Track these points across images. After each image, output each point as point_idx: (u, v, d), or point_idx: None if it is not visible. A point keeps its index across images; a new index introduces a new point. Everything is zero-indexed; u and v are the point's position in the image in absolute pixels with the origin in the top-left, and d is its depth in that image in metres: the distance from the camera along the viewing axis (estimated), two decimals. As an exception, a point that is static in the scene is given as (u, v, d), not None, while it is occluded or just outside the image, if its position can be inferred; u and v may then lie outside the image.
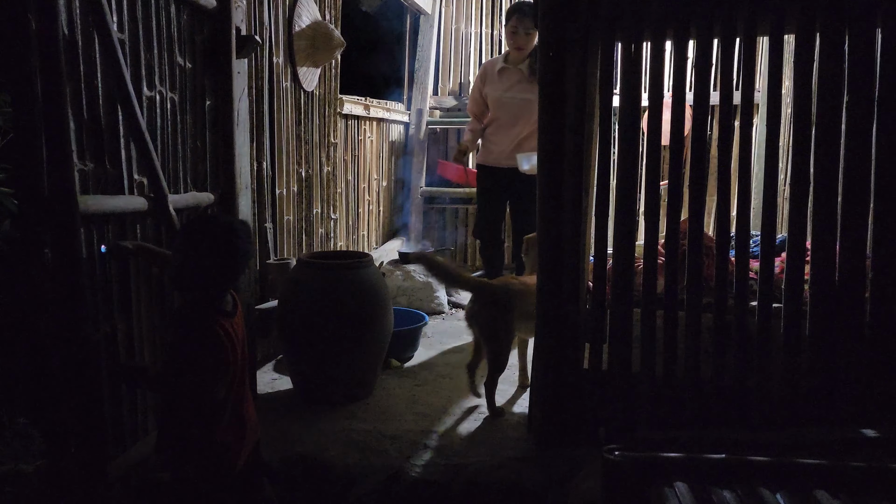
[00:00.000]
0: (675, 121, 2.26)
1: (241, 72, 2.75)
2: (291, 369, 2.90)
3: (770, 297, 2.20)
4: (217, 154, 2.61)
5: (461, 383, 3.06)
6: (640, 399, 2.29)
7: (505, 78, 3.70)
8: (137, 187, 2.14)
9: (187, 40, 2.40)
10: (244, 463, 1.79)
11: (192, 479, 1.71)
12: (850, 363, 2.16)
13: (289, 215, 3.55)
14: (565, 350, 2.31)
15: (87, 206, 1.85)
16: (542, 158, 2.27)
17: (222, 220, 1.83)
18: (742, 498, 1.39)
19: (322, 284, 2.75)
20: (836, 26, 2.08)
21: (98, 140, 1.96)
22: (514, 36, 3.60)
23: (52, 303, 1.71)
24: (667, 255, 2.25)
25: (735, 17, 2.15)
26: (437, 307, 4.35)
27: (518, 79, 3.68)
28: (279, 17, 3.38)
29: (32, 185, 1.66)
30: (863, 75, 2.08)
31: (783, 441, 1.60)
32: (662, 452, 1.52)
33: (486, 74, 3.79)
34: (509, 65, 3.70)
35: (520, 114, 3.65)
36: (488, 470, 2.26)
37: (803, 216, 2.17)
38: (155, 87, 2.21)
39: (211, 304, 1.68)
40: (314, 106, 3.82)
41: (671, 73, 2.76)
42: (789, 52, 3.14)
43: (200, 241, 1.67)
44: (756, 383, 2.22)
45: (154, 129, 2.21)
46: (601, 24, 2.21)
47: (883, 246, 2.11)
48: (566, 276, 2.28)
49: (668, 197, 2.23)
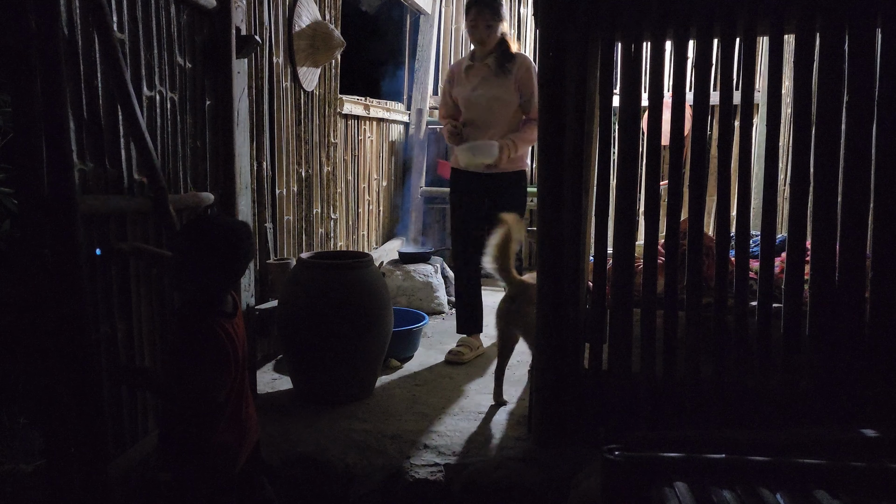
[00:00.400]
0: (675, 121, 2.26)
1: (241, 72, 2.75)
2: (291, 369, 2.90)
3: (770, 297, 2.20)
4: (217, 154, 2.62)
5: (461, 383, 3.06)
6: (640, 399, 2.29)
7: (472, 76, 3.43)
8: (137, 187, 2.14)
9: (187, 40, 2.40)
10: (244, 463, 1.79)
11: (193, 479, 1.71)
12: (850, 363, 2.16)
13: (289, 215, 3.55)
14: (565, 350, 2.31)
15: (87, 206, 1.85)
16: (542, 159, 2.27)
17: (222, 221, 1.83)
18: (742, 498, 1.38)
19: (322, 284, 2.75)
20: (836, 26, 2.08)
21: (98, 140, 1.96)
22: (473, 30, 3.34)
23: (52, 303, 1.71)
24: (667, 255, 2.25)
25: (735, 17, 2.15)
26: (437, 307, 4.35)
27: (485, 75, 3.38)
28: (279, 17, 3.38)
29: (32, 185, 1.66)
30: (863, 75, 2.08)
31: (783, 441, 1.59)
32: (662, 452, 1.52)
33: (454, 75, 3.53)
34: (476, 62, 3.43)
35: (492, 113, 3.37)
36: (488, 470, 2.26)
37: (803, 216, 2.17)
38: (155, 87, 2.21)
39: (211, 304, 1.68)
40: (314, 106, 3.82)
41: (671, 73, 2.76)
42: (789, 52, 3.15)
43: (200, 242, 1.67)
44: (756, 383, 2.22)
45: (154, 129, 2.21)
46: (601, 24, 2.21)
47: (883, 246, 2.11)
48: (566, 277, 2.28)
49: (668, 197, 2.23)
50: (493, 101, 3.35)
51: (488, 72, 3.37)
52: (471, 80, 3.42)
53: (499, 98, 3.34)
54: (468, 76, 3.43)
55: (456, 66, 3.56)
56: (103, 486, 1.84)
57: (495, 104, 3.36)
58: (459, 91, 3.46)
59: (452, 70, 3.57)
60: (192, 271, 1.66)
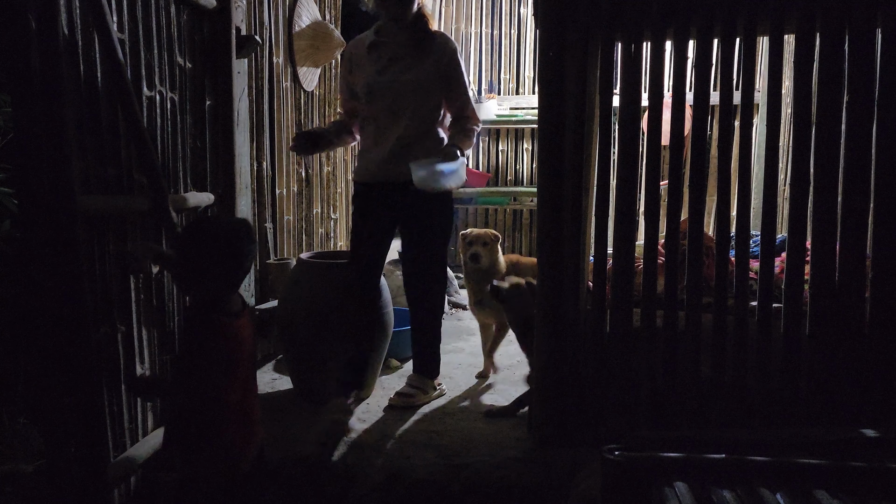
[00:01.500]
0: (675, 121, 2.26)
1: (241, 72, 2.75)
2: (291, 369, 2.90)
3: (770, 297, 2.20)
4: (217, 154, 2.62)
5: (461, 383, 3.06)
6: (641, 399, 2.29)
7: (378, 55, 2.59)
8: (137, 187, 2.14)
9: (187, 40, 2.40)
10: (249, 463, 1.79)
11: (199, 479, 1.71)
12: (850, 363, 2.16)
13: (289, 215, 3.55)
14: (565, 350, 2.31)
15: (87, 206, 1.85)
16: (542, 158, 2.27)
17: (223, 221, 1.84)
18: (742, 498, 1.38)
19: (322, 284, 2.75)
20: (836, 26, 2.08)
21: (98, 140, 1.96)
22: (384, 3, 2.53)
23: (52, 303, 1.71)
24: (667, 255, 2.25)
25: (735, 17, 2.15)
26: (437, 307, 4.35)
27: (395, 54, 2.58)
28: (279, 17, 3.38)
29: (32, 185, 1.66)
30: (863, 75, 2.08)
31: (783, 441, 1.60)
32: (662, 452, 1.52)
33: (352, 57, 2.67)
34: (382, 37, 2.61)
35: (404, 103, 2.55)
36: (488, 470, 2.26)
37: (803, 216, 2.17)
38: (155, 87, 2.21)
39: (215, 304, 1.68)
40: (314, 106, 3.83)
41: (671, 73, 2.76)
42: (789, 52, 3.15)
43: (201, 243, 1.68)
44: (756, 383, 2.22)
45: (154, 129, 2.21)
46: (601, 24, 2.21)
47: (883, 246, 2.11)
48: (566, 277, 2.28)
49: (668, 197, 2.23)
50: (406, 87, 2.55)
51: (400, 50, 2.59)
52: (376, 61, 2.60)
53: (415, 83, 2.56)
54: (371, 56, 2.61)
55: (354, 47, 2.69)
56: (103, 486, 1.84)
57: (410, 91, 2.55)
58: (360, 77, 2.62)
59: (350, 51, 2.70)
60: (195, 272, 1.67)
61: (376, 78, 2.57)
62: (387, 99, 2.56)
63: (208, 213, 2.56)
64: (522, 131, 5.31)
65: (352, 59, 2.67)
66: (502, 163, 5.37)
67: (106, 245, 1.98)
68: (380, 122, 2.61)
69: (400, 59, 2.57)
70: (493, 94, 5.37)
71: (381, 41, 2.60)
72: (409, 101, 2.56)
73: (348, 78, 2.69)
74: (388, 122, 2.59)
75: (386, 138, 2.60)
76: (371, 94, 2.57)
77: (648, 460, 1.49)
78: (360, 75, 2.61)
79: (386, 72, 2.57)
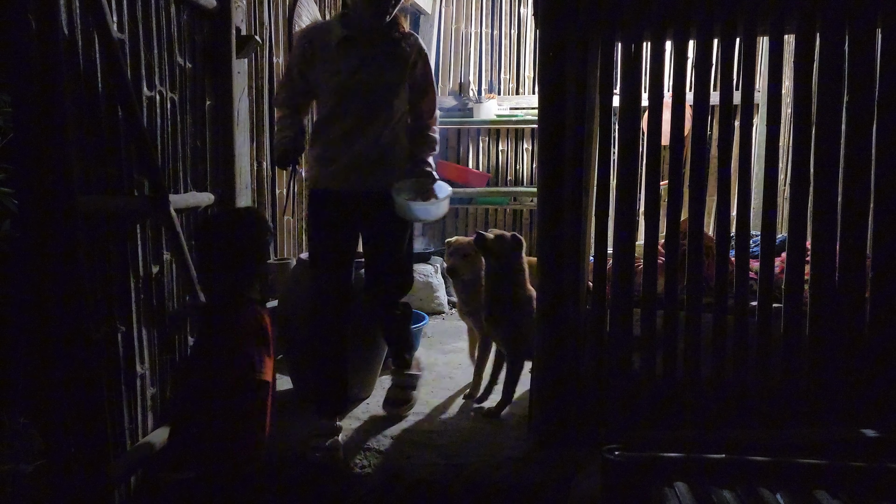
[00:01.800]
0: (675, 121, 2.26)
1: (241, 72, 2.75)
2: (291, 369, 2.90)
3: (770, 297, 2.20)
4: (217, 154, 2.62)
5: (461, 383, 3.06)
6: (640, 399, 2.29)
7: (351, 54, 2.37)
8: (137, 187, 2.14)
9: (187, 40, 2.40)
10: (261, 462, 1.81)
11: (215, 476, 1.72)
12: (850, 363, 2.16)
13: (289, 215, 3.55)
14: (565, 350, 2.31)
15: (87, 206, 1.85)
16: (542, 158, 2.27)
17: (228, 211, 1.88)
18: (742, 498, 1.39)
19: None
20: (836, 26, 2.08)
21: (98, 140, 1.96)
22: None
23: (52, 303, 1.71)
24: (667, 255, 2.25)
25: (735, 17, 2.15)
26: (437, 307, 4.35)
27: (369, 54, 2.37)
28: (279, 17, 3.38)
29: (32, 185, 1.66)
30: (863, 75, 2.08)
31: (783, 441, 1.60)
32: (662, 452, 1.52)
33: (314, 47, 2.41)
34: (355, 33, 2.38)
35: (374, 107, 2.39)
36: (488, 470, 2.26)
37: (803, 216, 2.17)
38: (155, 87, 2.21)
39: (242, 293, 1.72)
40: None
41: (671, 73, 2.76)
42: (789, 52, 3.15)
43: (214, 235, 1.71)
44: (756, 383, 2.22)
45: (154, 129, 2.21)
46: (601, 24, 2.21)
47: (883, 246, 2.11)
48: (566, 276, 2.28)
49: (668, 197, 2.23)
50: (377, 92, 2.39)
51: (374, 50, 2.39)
52: (348, 59, 2.37)
53: (390, 87, 2.40)
54: (341, 53, 2.38)
55: (317, 33, 2.44)
56: (103, 486, 1.84)
57: (381, 96, 2.40)
58: (325, 74, 2.40)
59: (311, 38, 2.44)
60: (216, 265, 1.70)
61: (347, 78, 2.36)
62: (358, 102, 2.38)
63: (208, 213, 2.56)
64: (522, 131, 5.31)
65: (314, 48, 2.40)
66: (502, 163, 5.37)
67: (106, 245, 1.98)
68: (345, 124, 2.40)
69: (372, 59, 2.37)
70: (493, 94, 5.37)
71: (354, 36, 2.38)
72: (383, 106, 2.40)
73: (304, 70, 2.44)
74: (359, 127, 2.39)
75: (352, 142, 2.40)
76: (338, 94, 2.38)
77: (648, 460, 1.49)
78: (325, 71, 2.39)
79: (359, 72, 2.36)
